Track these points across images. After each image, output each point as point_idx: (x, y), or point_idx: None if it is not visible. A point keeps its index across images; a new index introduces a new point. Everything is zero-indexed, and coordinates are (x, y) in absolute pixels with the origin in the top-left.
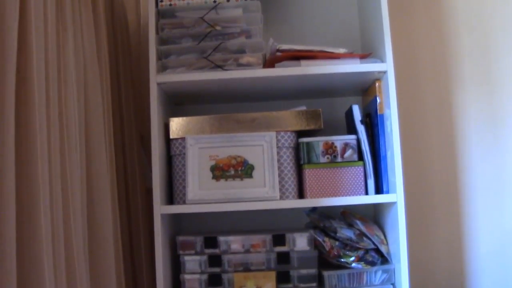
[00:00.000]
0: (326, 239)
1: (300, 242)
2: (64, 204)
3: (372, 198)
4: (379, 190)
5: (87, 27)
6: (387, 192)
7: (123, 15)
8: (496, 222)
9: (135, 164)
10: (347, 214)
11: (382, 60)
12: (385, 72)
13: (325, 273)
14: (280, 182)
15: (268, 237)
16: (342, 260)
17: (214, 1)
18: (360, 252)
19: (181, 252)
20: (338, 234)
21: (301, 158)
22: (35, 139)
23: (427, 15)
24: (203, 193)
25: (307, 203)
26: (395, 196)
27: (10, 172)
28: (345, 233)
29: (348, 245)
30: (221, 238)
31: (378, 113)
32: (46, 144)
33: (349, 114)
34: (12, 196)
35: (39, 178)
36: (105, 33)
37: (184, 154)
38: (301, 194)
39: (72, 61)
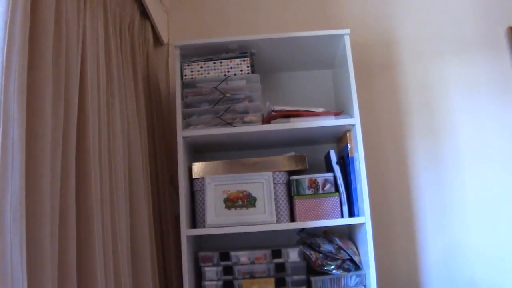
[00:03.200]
0: (312, 252)
1: (293, 255)
2: (112, 231)
3: (346, 221)
4: (351, 214)
5: (130, 95)
6: (358, 215)
7: (157, 86)
8: (441, 236)
9: (166, 197)
10: (328, 233)
11: (351, 116)
12: (353, 125)
13: (312, 279)
14: (276, 209)
15: (268, 252)
16: (325, 268)
17: (225, 75)
18: (339, 262)
19: (202, 264)
20: (321, 248)
21: (292, 191)
22: (90, 183)
23: (385, 81)
24: (218, 219)
25: (297, 225)
26: (364, 218)
27: (72, 214)
28: (327, 247)
29: (329, 257)
30: (232, 253)
31: (349, 156)
32: (99, 185)
33: (327, 157)
34: (73, 223)
35: (93, 209)
36: (143, 99)
37: (204, 190)
38: (292, 219)
39: (118, 121)
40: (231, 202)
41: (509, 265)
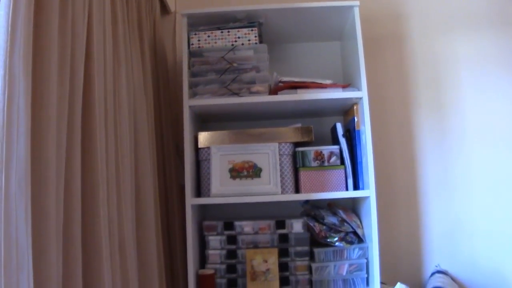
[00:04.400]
0: (316, 224)
1: (296, 226)
2: (117, 199)
3: (351, 193)
4: (356, 187)
5: (136, 63)
6: (363, 189)
7: (163, 54)
8: (445, 210)
9: (171, 167)
10: (332, 205)
11: (358, 89)
12: (361, 98)
13: (315, 250)
14: (281, 180)
15: (272, 222)
16: (328, 240)
17: (232, 45)
18: (342, 234)
19: (206, 233)
20: (325, 220)
21: (297, 163)
22: (96, 151)
23: (393, 54)
24: (223, 189)
25: (302, 197)
26: (369, 191)
27: (77, 181)
28: (331, 219)
29: (332, 229)
30: (237, 223)
31: (355, 129)
32: (105, 154)
33: (334, 129)
34: (78, 189)
35: (99, 177)
36: (150, 67)
37: (209, 159)
38: (297, 190)
39: (125, 89)
40: (236, 172)
41: (510, 243)
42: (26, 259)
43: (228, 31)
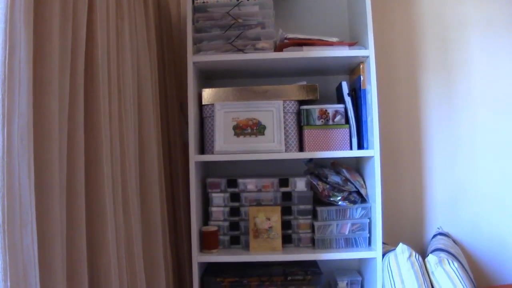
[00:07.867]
0: (320, 183)
1: (300, 184)
2: (121, 154)
3: (355, 153)
4: (360, 146)
5: (139, 18)
6: (367, 148)
7: (167, 9)
8: (448, 173)
9: (175, 124)
10: (336, 164)
11: (365, 47)
12: (367, 57)
13: (318, 209)
14: (285, 138)
15: (275, 180)
16: (331, 199)
17: (237, 0)
18: (345, 193)
19: (209, 190)
20: (328, 179)
21: (301, 121)
22: (99, 108)
23: (401, 14)
24: (227, 146)
25: (306, 155)
26: (373, 151)
27: (80, 136)
28: (334, 178)
29: (336, 188)
30: (240, 180)
31: (361, 88)
32: (108, 110)
33: (339, 88)
34: (81, 145)
35: (102, 133)
36: (153, 23)
37: (213, 116)
38: (301, 148)
39: (128, 44)
40: (240, 130)
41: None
42: (30, 215)
43: None
